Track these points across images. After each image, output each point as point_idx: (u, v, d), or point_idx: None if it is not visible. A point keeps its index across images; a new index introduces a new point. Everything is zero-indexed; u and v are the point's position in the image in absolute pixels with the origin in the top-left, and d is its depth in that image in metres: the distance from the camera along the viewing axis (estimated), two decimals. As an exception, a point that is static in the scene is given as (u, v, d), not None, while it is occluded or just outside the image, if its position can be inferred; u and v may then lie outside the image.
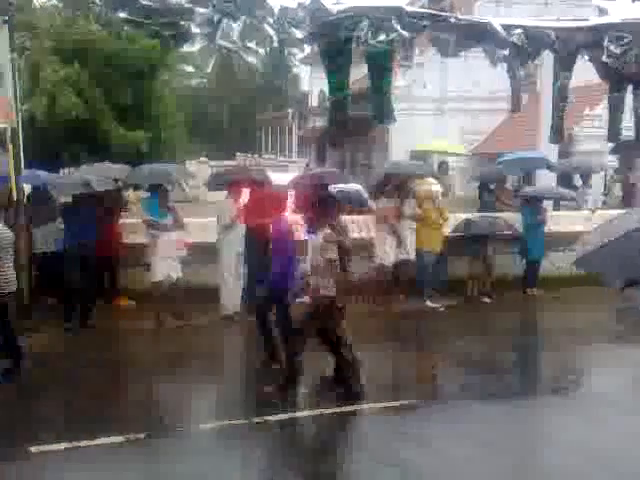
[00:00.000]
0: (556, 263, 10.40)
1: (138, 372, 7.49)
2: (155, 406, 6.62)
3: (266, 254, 9.35)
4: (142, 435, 5.60)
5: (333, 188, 10.53)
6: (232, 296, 9.15)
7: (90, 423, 5.83)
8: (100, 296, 9.28)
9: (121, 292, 9.62)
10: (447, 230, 10.40)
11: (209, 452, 5.51)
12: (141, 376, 7.35)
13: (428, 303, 10.02)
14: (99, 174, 9.54)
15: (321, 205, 6.56)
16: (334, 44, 8.76)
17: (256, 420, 5.98)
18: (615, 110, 10.41)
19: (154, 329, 8.71)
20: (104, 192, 9.03)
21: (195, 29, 8.45)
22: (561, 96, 9.95)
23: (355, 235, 10.24)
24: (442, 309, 9.91)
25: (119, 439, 5.51)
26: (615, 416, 6.18)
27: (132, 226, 9.67)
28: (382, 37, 8.68)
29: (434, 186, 10.42)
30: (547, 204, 11.83)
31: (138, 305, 9.34)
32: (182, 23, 8.27)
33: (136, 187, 11.69)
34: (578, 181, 13.81)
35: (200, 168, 25.79)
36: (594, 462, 5.30)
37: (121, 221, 9.80)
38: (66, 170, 14.96)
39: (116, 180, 9.90)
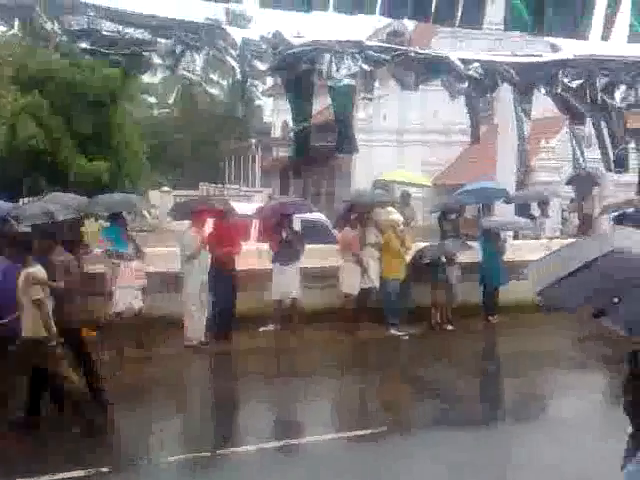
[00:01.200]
0: (515, 290, 10.56)
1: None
2: (118, 439, 6.48)
3: (232, 282, 9.34)
4: (105, 469, 5.47)
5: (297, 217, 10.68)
6: (196, 326, 9.08)
7: (50, 457, 5.68)
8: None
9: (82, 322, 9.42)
10: (408, 258, 10.54)
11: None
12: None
13: (392, 331, 10.09)
14: (59, 203, 9.38)
15: (18, 243, 6.32)
16: (297, 76, 8.89)
17: (221, 452, 5.91)
18: (576, 141, 10.76)
19: (116, 359, 8.55)
20: (65, 221, 8.89)
21: (157, 60, 8.49)
22: (523, 128, 10.26)
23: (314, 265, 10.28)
24: (406, 337, 9.98)
25: (80, 474, 5.37)
26: (581, 439, 6.27)
27: (92, 256, 9.51)
28: (344, 70, 8.86)
29: (395, 215, 10.57)
30: (507, 233, 12.06)
31: (99, 336, 9.15)
32: (144, 54, 8.31)
33: (96, 217, 11.53)
34: (536, 210, 14.16)
35: (163, 198, 25.67)
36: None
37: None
38: (26, 200, 14.73)
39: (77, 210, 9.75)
